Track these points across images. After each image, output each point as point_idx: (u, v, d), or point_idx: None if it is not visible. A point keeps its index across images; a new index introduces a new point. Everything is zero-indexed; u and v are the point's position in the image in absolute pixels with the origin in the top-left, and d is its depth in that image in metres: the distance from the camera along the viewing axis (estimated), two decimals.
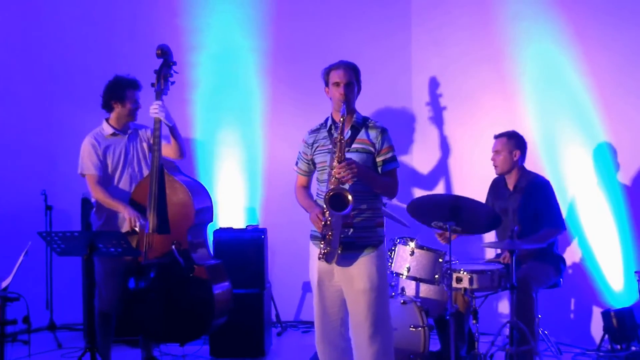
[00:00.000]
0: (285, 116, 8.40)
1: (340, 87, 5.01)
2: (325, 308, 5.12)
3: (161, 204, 6.26)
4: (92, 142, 6.35)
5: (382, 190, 5.07)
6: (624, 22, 7.00)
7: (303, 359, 6.98)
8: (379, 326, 5.02)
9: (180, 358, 6.65)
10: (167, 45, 6.47)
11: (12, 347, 6.82)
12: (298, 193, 5.30)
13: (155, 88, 6.38)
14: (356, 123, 5.07)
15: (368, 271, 4.98)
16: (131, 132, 6.48)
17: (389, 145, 5.05)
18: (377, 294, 5.00)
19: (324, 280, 5.10)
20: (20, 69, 8.22)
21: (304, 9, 8.38)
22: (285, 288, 8.19)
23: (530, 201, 6.45)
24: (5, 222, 7.85)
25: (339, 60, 5.12)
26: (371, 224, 5.04)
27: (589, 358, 6.80)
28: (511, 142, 6.56)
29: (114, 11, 8.34)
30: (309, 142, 5.20)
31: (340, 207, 4.77)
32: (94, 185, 6.32)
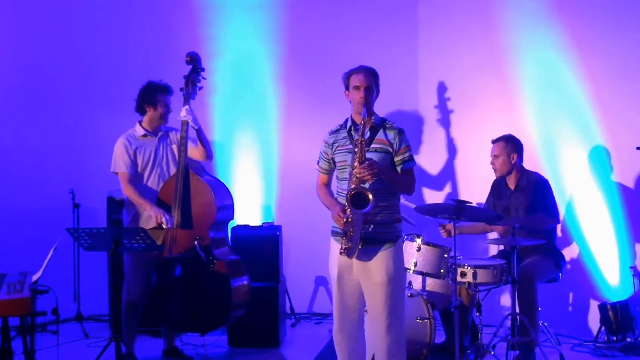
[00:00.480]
0: (298, 119, 8.40)
1: (361, 91, 5.03)
2: (344, 301, 5.11)
3: (185, 201, 6.32)
4: (125, 142, 6.42)
5: (400, 188, 5.09)
6: (619, 30, 6.99)
7: (316, 348, 6.98)
8: (395, 318, 5.03)
9: (200, 347, 6.66)
10: (196, 52, 6.52)
11: (42, 336, 6.84)
12: (320, 191, 5.33)
13: (184, 92, 6.44)
14: (375, 124, 5.08)
15: (386, 265, 4.98)
16: (162, 134, 6.54)
17: (406, 145, 5.08)
18: (393, 287, 5.00)
19: (343, 274, 5.09)
20: (52, 74, 8.24)
21: (316, 18, 8.38)
22: (298, 282, 8.20)
23: (531, 198, 6.47)
24: (35, 220, 7.88)
25: (359, 65, 5.15)
26: (389, 220, 5.05)
27: (587, 349, 6.77)
28: (508, 145, 6.57)
29: (141, 21, 8.36)
30: (329, 142, 5.21)
31: (361, 205, 4.79)
32: (125, 183, 6.40)
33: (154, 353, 6.74)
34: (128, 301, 6.45)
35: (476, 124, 7.93)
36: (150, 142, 6.51)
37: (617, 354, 6.57)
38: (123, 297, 6.48)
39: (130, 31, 8.37)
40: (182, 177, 6.32)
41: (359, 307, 5.16)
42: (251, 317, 6.75)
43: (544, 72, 7.47)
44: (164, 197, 6.37)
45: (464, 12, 7.98)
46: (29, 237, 7.60)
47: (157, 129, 6.54)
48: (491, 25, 7.77)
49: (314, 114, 8.28)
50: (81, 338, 7.44)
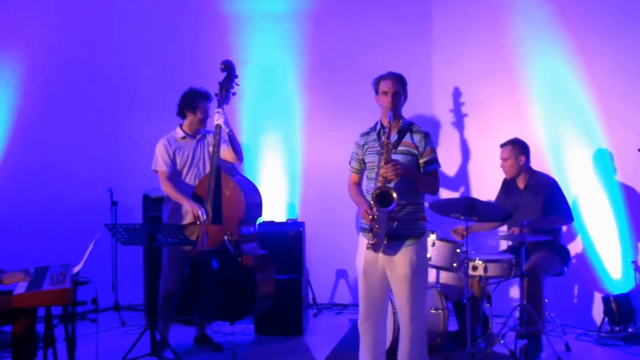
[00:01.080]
0: (320, 122, 8.41)
1: (388, 96, 5.05)
2: (369, 293, 5.12)
3: (217, 199, 6.34)
4: (165, 143, 6.49)
5: (424, 188, 5.08)
6: (621, 38, 6.96)
7: (337, 337, 6.99)
8: (418, 308, 5.07)
9: (229, 335, 6.66)
10: (230, 61, 6.54)
11: (82, 324, 6.91)
12: (351, 189, 5.33)
13: (218, 98, 6.49)
14: (402, 127, 5.09)
15: (410, 259, 4.99)
16: (200, 136, 6.59)
17: (431, 148, 5.08)
18: (416, 280, 5.02)
19: (369, 268, 5.10)
20: (96, 84, 8.29)
21: (337, 28, 8.38)
22: (320, 274, 8.20)
23: (540, 197, 6.46)
24: (76, 216, 7.91)
25: (388, 72, 5.16)
26: (414, 218, 5.05)
27: (591, 338, 6.74)
28: (516, 148, 6.56)
29: (177, 33, 8.40)
30: (360, 144, 5.21)
31: (386, 204, 4.81)
32: (164, 180, 6.46)
33: (186, 340, 6.75)
34: (165, 292, 6.50)
35: (487, 126, 7.91)
36: (189, 144, 6.56)
37: (619, 343, 6.55)
38: (160, 288, 6.53)
39: (168, 42, 8.41)
40: (215, 177, 6.35)
41: (383, 299, 5.18)
42: (276, 307, 6.75)
43: (551, 78, 7.44)
44: (198, 192, 6.43)
45: (475, 22, 7.97)
46: (70, 232, 7.64)
47: (195, 132, 6.59)
48: (501, 34, 7.76)
49: (335, 117, 8.30)
50: (118, 326, 7.47)
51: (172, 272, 6.46)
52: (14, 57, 7.76)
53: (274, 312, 6.79)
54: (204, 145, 6.60)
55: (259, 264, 6.41)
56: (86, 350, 5.75)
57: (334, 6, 8.37)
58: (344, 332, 7.17)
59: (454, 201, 6.07)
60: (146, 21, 8.42)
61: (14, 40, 7.76)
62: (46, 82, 7.97)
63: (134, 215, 7.98)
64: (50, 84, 7.99)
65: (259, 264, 6.41)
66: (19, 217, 7.66)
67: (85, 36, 8.20)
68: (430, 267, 6.34)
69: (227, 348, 6.52)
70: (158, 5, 8.42)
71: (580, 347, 6.55)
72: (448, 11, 8.19)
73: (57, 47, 7.99)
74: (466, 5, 8.03)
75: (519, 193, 6.59)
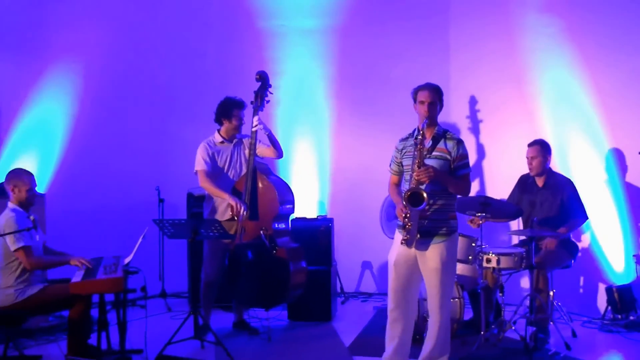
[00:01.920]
0: (347, 128, 8.41)
1: (425, 105, 5.08)
2: (399, 284, 5.14)
3: (253, 197, 6.36)
4: (205, 146, 6.52)
5: (454, 190, 5.09)
6: (623, 50, 6.91)
7: (362, 322, 6.99)
8: (446, 298, 5.11)
9: (264, 320, 6.67)
10: (265, 71, 6.56)
11: (132, 310, 6.94)
12: (390, 189, 5.34)
13: (254, 105, 6.50)
14: (437, 134, 5.11)
15: (439, 254, 5.01)
16: (237, 140, 6.61)
17: (463, 154, 5.10)
18: (445, 273, 5.05)
19: (400, 261, 5.12)
20: (142, 92, 8.34)
21: (362, 42, 8.37)
22: (347, 266, 8.19)
23: (558, 196, 6.43)
24: (127, 212, 7.96)
25: (426, 82, 5.19)
26: (445, 217, 5.07)
27: (595, 325, 6.69)
28: (544, 148, 6.53)
29: (217, 46, 8.43)
30: (399, 148, 5.22)
31: (417, 203, 4.86)
32: (203, 177, 6.47)
33: (225, 325, 6.78)
34: (206, 281, 6.53)
35: (500, 131, 7.87)
36: (227, 148, 6.57)
37: (621, 330, 6.50)
38: (202, 278, 6.55)
39: (210, 55, 8.44)
40: (251, 177, 6.37)
41: (412, 290, 5.20)
42: (307, 295, 6.77)
43: (558, 86, 7.39)
44: (238, 187, 6.45)
45: (489, 36, 7.92)
46: (122, 226, 7.68)
47: (232, 137, 6.60)
48: (512, 47, 7.71)
49: (360, 123, 8.30)
50: (165, 312, 7.51)
51: (212, 264, 6.48)
52: (73, 70, 7.84)
53: (306, 299, 6.81)
54: (241, 149, 6.61)
55: (291, 256, 6.43)
56: (136, 333, 5.79)
57: (359, 22, 8.35)
58: (368, 318, 7.16)
59: (469, 199, 6.04)
60: (191, 38, 8.46)
61: (73, 55, 7.83)
62: (101, 92, 8.03)
63: (178, 212, 8.03)
64: (104, 93, 8.05)
65: (291, 256, 6.42)
66: (77, 213, 7.72)
67: (135, 51, 8.25)
68: None
69: (262, 332, 6.53)
70: (202, 23, 8.45)
71: (585, 333, 6.50)
72: (464, 26, 8.14)
73: (110, 61, 8.05)
74: (481, 21, 7.98)
75: (537, 190, 6.54)
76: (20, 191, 5.55)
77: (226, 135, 6.59)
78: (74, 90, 7.89)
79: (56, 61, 7.73)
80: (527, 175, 6.68)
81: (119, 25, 8.15)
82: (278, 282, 6.33)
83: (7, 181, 5.59)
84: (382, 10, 8.34)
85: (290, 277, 6.33)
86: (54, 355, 5.63)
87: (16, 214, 5.43)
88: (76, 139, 7.88)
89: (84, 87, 7.93)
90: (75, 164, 7.82)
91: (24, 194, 5.56)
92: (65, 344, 5.42)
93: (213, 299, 6.60)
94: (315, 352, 6.07)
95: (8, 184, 5.58)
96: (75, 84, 7.88)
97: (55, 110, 7.75)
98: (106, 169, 8.05)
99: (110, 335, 5.54)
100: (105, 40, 8.05)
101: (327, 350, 6.11)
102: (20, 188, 5.55)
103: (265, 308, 6.56)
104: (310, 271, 6.78)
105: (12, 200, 5.57)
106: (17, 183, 5.56)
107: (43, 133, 7.67)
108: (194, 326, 6.01)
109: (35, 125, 7.60)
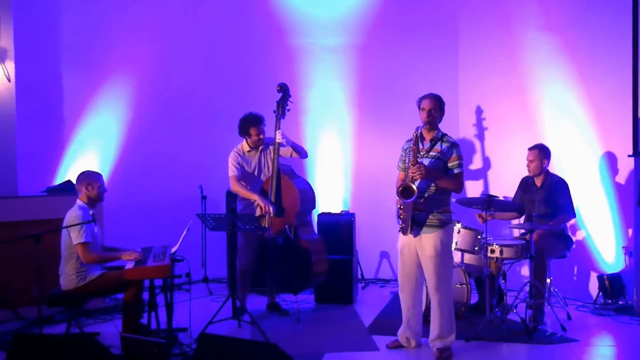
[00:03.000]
0: (367, 134, 8.38)
1: (425, 112, 5.18)
2: (404, 268, 5.31)
3: (278, 196, 6.39)
4: (235, 154, 6.55)
5: (446, 186, 5.16)
6: (612, 65, 6.86)
7: (380, 305, 6.99)
8: (441, 281, 5.19)
9: (294, 303, 6.69)
10: (285, 83, 6.55)
11: (178, 293, 6.98)
12: (397, 184, 5.36)
13: (276, 114, 6.48)
14: (435, 137, 5.21)
15: (434, 243, 5.11)
16: (263, 147, 6.59)
17: (457, 155, 5.18)
18: (439, 259, 5.14)
19: (404, 249, 5.27)
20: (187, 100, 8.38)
21: (380, 58, 8.33)
22: (367, 255, 8.16)
23: (553, 194, 6.40)
24: (173, 207, 7.98)
25: (429, 92, 5.29)
26: (438, 209, 5.15)
27: (588, 309, 6.64)
28: (542, 152, 6.49)
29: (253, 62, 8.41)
30: (404, 148, 5.36)
31: (408, 197, 4.99)
32: (234, 182, 6.49)
33: (260, 307, 6.81)
34: (241, 269, 6.56)
35: (504, 138, 7.82)
36: (254, 155, 6.59)
37: (611, 313, 6.47)
38: (237, 266, 6.58)
39: (246, 69, 8.42)
40: (275, 179, 6.40)
41: (417, 274, 5.31)
42: (332, 281, 6.81)
43: (556, 97, 7.34)
44: (265, 187, 6.49)
45: (495, 52, 7.88)
46: (169, 219, 7.71)
47: (258, 145, 6.59)
48: (516, 62, 7.68)
49: (379, 129, 8.28)
50: (207, 295, 7.53)
51: (246, 254, 6.51)
52: (126, 83, 7.89)
53: (330, 285, 6.84)
54: (267, 153, 6.60)
55: (313, 246, 6.48)
56: (181, 314, 5.83)
57: (377, 41, 8.33)
58: (386, 302, 7.15)
59: (476, 198, 6.05)
60: (232, 54, 8.47)
61: (127, 70, 7.89)
62: (151, 102, 8.07)
63: (219, 207, 8.05)
64: (154, 103, 8.10)
65: (314, 247, 6.48)
66: (130, 208, 7.77)
67: (181, 66, 8.29)
68: (456, 250, 6.31)
69: (292, 313, 6.55)
70: (239, 39, 8.46)
71: (579, 316, 6.46)
72: (472, 43, 8.10)
73: (159, 75, 8.09)
74: (486, 39, 7.94)
75: (536, 190, 6.51)
76: (92, 189, 5.59)
77: (252, 145, 6.59)
78: (127, 100, 7.93)
79: (112, 75, 7.78)
80: (527, 177, 6.65)
81: (167, 43, 8.20)
82: (302, 270, 6.38)
83: (81, 180, 5.62)
84: (398, 30, 8.31)
85: (312, 265, 6.38)
86: (110, 333, 5.68)
87: (83, 211, 5.47)
88: (129, 143, 7.93)
89: (136, 98, 7.98)
90: (128, 166, 7.87)
91: (95, 192, 5.60)
92: (120, 323, 5.46)
93: (248, 284, 6.63)
94: (338, 331, 6.08)
95: (82, 183, 5.60)
96: (128, 95, 7.93)
97: (111, 118, 7.81)
98: (156, 170, 8.09)
99: (159, 316, 5.58)
100: (155, 56, 8.10)
101: (349, 330, 6.12)
102: (93, 186, 5.60)
103: (294, 292, 6.60)
104: (334, 260, 6.81)
105: (81, 197, 5.61)
106: (91, 182, 5.60)
107: (101, 138, 7.73)
108: (232, 308, 6.05)
109: (94, 131, 7.67)
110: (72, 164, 7.43)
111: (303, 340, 5.79)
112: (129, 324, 5.37)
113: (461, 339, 5.52)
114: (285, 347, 4.55)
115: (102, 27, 7.73)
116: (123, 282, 5.33)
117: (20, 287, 6.10)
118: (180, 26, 8.33)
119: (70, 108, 7.53)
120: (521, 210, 6.44)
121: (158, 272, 5.26)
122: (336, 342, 5.71)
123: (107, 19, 7.76)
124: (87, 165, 7.15)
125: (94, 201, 5.63)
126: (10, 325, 6.01)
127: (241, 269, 6.55)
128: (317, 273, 6.47)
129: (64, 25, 7.48)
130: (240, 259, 6.54)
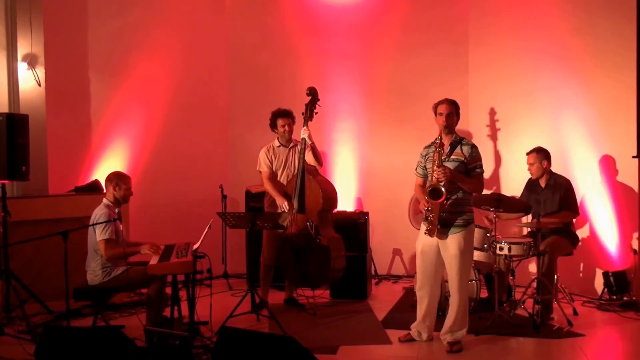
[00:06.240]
0: (381, 137, 8.39)
1: (443, 117, 5.16)
2: (425, 267, 5.26)
3: (301, 194, 6.37)
4: (266, 150, 6.61)
5: (468, 187, 5.14)
6: (616, 70, 6.84)
7: (392, 300, 6.97)
8: (464, 281, 5.19)
9: (311, 298, 6.68)
10: (314, 87, 6.56)
11: (200, 288, 6.96)
12: (416, 189, 5.39)
13: (304, 116, 6.48)
14: (454, 141, 5.19)
15: (458, 242, 5.09)
16: (292, 145, 6.62)
17: (477, 157, 5.17)
18: (463, 259, 5.13)
19: (425, 249, 5.22)
20: (209, 105, 8.42)
21: (394, 64, 8.34)
22: (380, 252, 8.16)
23: (557, 194, 6.35)
24: (195, 206, 8.00)
25: (445, 98, 5.28)
26: (462, 210, 5.14)
27: (593, 305, 6.59)
28: (540, 155, 6.45)
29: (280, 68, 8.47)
30: (423, 154, 5.31)
31: (437, 198, 4.96)
32: (266, 179, 6.56)
33: (278, 301, 6.80)
34: (265, 264, 6.58)
35: (514, 138, 7.77)
36: (283, 151, 6.61)
37: (616, 308, 6.40)
38: (261, 261, 6.60)
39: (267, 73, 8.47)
40: (300, 177, 6.39)
41: (436, 273, 5.29)
42: (347, 277, 6.76)
43: (563, 100, 7.29)
44: (288, 190, 6.49)
45: (503, 58, 7.85)
46: (191, 217, 7.71)
47: (288, 141, 6.62)
48: (523, 67, 7.64)
49: (393, 133, 8.28)
50: (227, 290, 7.54)
51: (270, 250, 6.53)
52: (149, 85, 7.94)
53: (345, 280, 6.80)
54: (295, 152, 6.62)
55: (333, 244, 6.43)
56: (202, 308, 5.83)
57: (393, 47, 8.35)
58: (398, 297, 7.13)
59: (485, 196, 6.01)
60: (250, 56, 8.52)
61: (153, 75, 7.95)
62: (174, 107, 8.11)
63: (239, 206, 8.06)
64: (177, 107, 8.13)
65: (333, 245, 6.43)
66: (154, 206, 7.81)
67: (204, 71, 8.34)
68: None
69: (309, 308, 6.54)
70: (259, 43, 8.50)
71: (585, 311, 6.41)
72: (482, 49, 8.07)
73: (182, 81, 8.14)
74: (496, 45, 7.91)
75: (541, 190, 6.46)
76: (120, 190, 5.62)
77: (283, 141, 6.62)
78: (151, 103, 7.98)
79: (137, 79, 7.83)
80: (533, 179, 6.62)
81: (190, 49, 8.23)
82: (321, 266, 6.35)
83: (111, 179, 5.66)
84: (412, 38, 8.30)
85: (330, 262, 6.34)
86: (134, 326, 5.68)
87: (108, 210, 5.51)
88: (154, 145, 7.97)
89: (159, 101, 8.02)
90: (152, 166, 7.91)
91: (122, 193, 5.64)
92: (144, 316, 5.48)
93: (271, 278, 6.65)
94: (353, 325, 6.07)
95: (110, 182, 5.64)
96: (152, 98, 7.98)
97: (135, 120, 7.85)
98: (179, 169, 8.12)
99: (181, 309, 5.59)
100: (177, 60, 8.14)
101: (363, 324, 6.10)
102: (121, 186, 5.63)
103: (311, 288, 6.58)
104: (349, 257, 6.77)
105: (107, 196, 5.64)
106: (120, 182, 5.64)
107: (128, 140, 7.78)
108: (252, 302, 6.05)
109: (119, 133, 7.71)
110: (98, 164, 7.47)
111: (319, 334, 5.77)
112: (153, 317, 5.39)
113: (471, 333, 5.48)
114: (302, 340, 4.53)
115: (126, 32, 7.77)
116: (147, 277, 5.35)
117: (50, 282, 6.17)
118: (202, 29, 8.37)
119: (96, 111, 7.58)
120: (528, 210, 6.39)
121: (180, 268, 5.26)
122: (351, 336, 5.69)
123: (131, 24, 7.82)
124: (112, 166, 7.18)
125: (119, 201, 5.65)
126: (40, 318, 6.04)
127: (265, 264, 6.57)
128: (335, 270, 6.45)
129: (91, 32, 7.53)
130: (265, 254, 6.55)
